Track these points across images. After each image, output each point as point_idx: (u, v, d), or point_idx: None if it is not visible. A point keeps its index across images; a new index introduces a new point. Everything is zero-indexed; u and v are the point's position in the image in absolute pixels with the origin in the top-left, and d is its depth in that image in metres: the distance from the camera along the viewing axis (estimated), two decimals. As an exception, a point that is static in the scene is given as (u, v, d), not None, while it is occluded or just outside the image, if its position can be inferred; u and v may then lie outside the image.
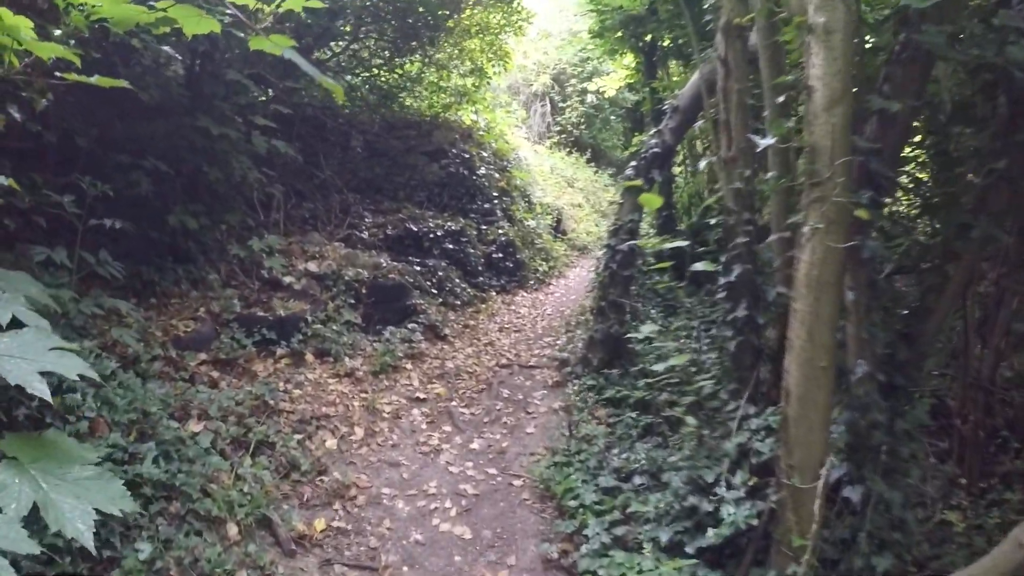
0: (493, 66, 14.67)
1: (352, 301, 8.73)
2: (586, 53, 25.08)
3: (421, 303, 9.40)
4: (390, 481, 5.90)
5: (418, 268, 10.19)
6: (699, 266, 5.12)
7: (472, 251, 11.95)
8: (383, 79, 13.60)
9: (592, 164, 24.42)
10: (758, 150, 4.48)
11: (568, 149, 23.88)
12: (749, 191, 5.09)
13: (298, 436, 5.93)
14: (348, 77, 13.09)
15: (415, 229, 11.16)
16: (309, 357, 7.56)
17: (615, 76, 17.22)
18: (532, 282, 13.62)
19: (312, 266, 9.06)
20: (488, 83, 14.88)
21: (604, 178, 24.50)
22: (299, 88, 11.88)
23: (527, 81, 24.19)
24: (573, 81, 24.84)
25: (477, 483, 6.02)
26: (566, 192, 19.97)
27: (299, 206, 10.82)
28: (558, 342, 9.65)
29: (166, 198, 8.39)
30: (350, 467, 5.96)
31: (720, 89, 5.30)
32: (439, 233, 11.35)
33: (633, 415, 6.86)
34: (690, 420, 5.40)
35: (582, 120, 25.08)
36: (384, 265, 9.41)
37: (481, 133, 14.58)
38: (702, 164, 5.72)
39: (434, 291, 10.22)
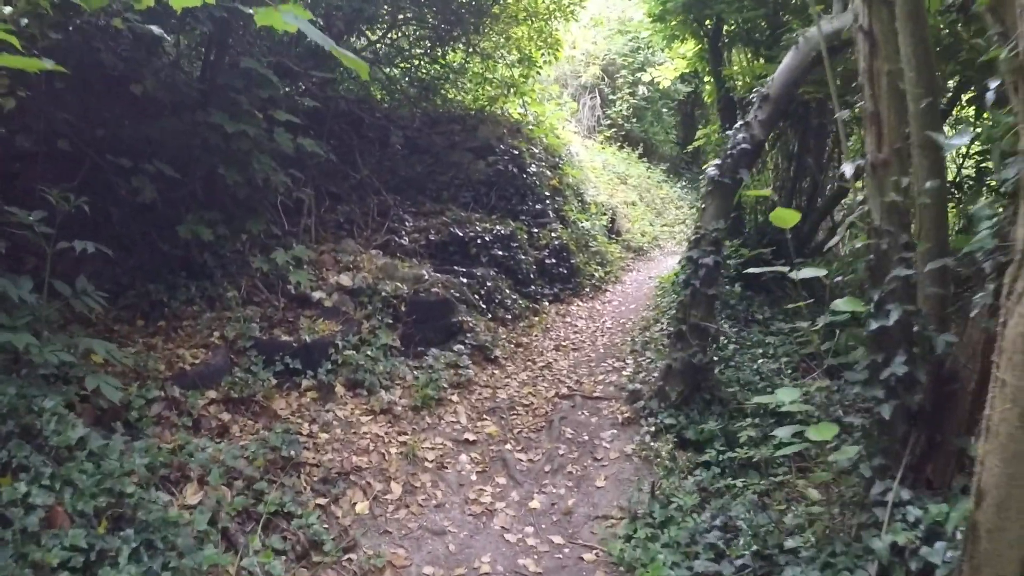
0: (542, 55, 13.52)
1: (390, 320, 7.66)
2: (638, 42, 23.82)
3: (468, 320, 8.29)
4: (433, 556, 4.79)
5: (464, 279, 9.07)
6: (805, 273, 3.89)
7: (523, 257, 10.82)
8: (424, 70, 12.54)
9: (644, 160, 23.12)
10: (944, 151, 3.26)
11: (619, 144, 22.63)
12: (907, 206, 3.84)
13: (321, 500, 4.86)
14: (386, 69, 12.04)
15: (460, 234, 10.06)
16: (339, 389, 6.51)
17: (669, 66, 15.91)
18: (588, 289, 12.45)
19: (345, 279, 8.00)
20: (537, 74, 13.72)
21: (656, 174, 23.19)
22: (332, 79, 10.86)
23: (575, 72, 22.96)
24: (623, 72, 23.56)
25: (540, 557, 4.89)
26: (619, 190, 18.74)
27: (332, 210, 9.80)
28: (624, 366, 8.47)
29: (176, 205, 7.40)
30: (384, 538, 4.86)
31: (863, 71, 4.08)
32: (487, 238, 10.24)
33: (723, 463, 5.69)
34: (812, 494, 4.23)
35: (632, 113, 23.78)
36: (426, 277, 8.32)
37: (530, 128, 13.43)
38: (847, 169, 4.39)
39: (482, 305, 9.11)
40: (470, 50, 12.71)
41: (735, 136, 7.26)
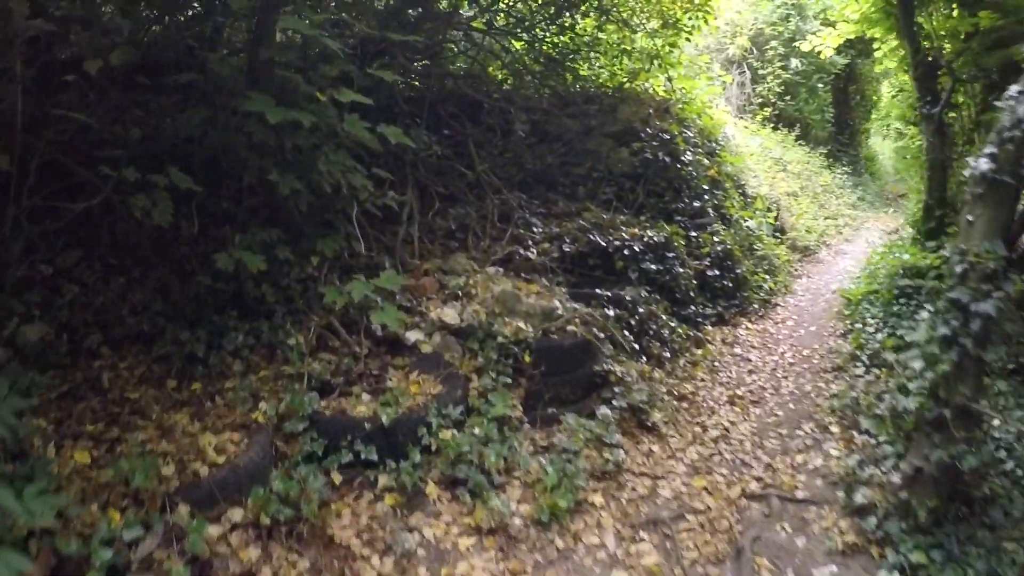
0: (689, 19, 11.10)
1: (509, 374, 5.55)
2: (787, 8, 20.86)
3: (615, 369, 6.06)
4: None
5: (609, 307, 6.88)
6: None
7: (681, 270, 8.49)
8: (550, 42, 10.36)
9: (801, 142, 20.18)
10: None
11: (772, 124, 19.75)
12: None
13: None
14: (504, 41, 9.94)
15: (603, 243, 7.84)
16: (431, 490, 4.45)
17: (830, 33, 13.06)
18: (756, 305, 10.00)
19: (450, 314, 5.97)
20: (687, 41, 11.30)
21: (816, 159, 20.22)
22: (436, 50, 8.86)
23: (720, 46, 20.20)
24: (773, 44, 20.64)
25: None
26: (779, 178, 16.02)
27: (441, 215, 7.81)
28: (827, 437, 6.06)
29: (222, 223, 5.53)
30: None
31: None
32: (636, 248, 7.97)
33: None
34: None
35: (785, 90, 20.82)
36: (559, 311, 6.14)
37: (680, 107, 11.02)
38: None
39: (633, 342, 6.88)
40: (603, 17, 10.46)
41: (1017, 110, 4.69)
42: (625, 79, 11.16)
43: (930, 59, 8.67)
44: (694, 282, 8.73)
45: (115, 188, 4.43)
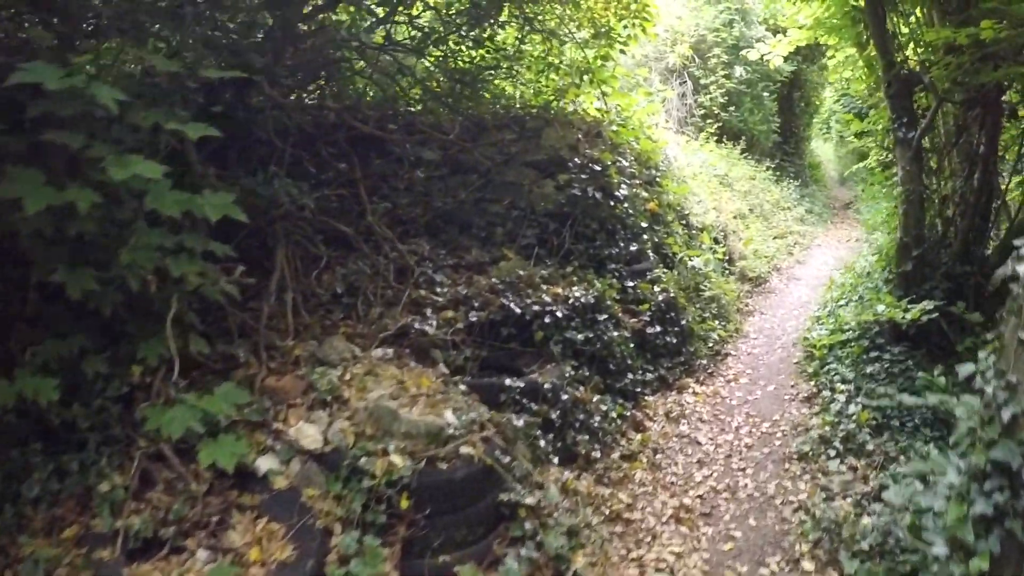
0: (625, 27, 9.77)
1: (382, 523, 4.12)
2: (731, 13, 19.70)
3: (524, 501, 4.62)
4: None
5: (522, 401, 5.48)
6: None
7: (615, 334, 7.10)
8: (465, 57, 8.92)
9: (746, 156, 19.01)
10: None
11: (715, 137, 18.50)
12: None
13: None
14: (411, 59, 8.48)
15: (518, 309, 6.41)
16: None
17: (782, 40, 11.85)
18: (703, 361, 8.67)
19: (311, 435, 4.53)
20: (621, 52, 9.95)
21: (762, 172, 19.09)
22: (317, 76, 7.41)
23: (660, 54, 18.92)
24: (716, 51, 19.42)
25: None
26: (725, 198, 14.77)
27: (325, 277, 6.38)
28: (811, 572, 4.71)
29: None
30: None
31: None
32: (560, 313, 6.56)
33: None
34: None
35: (728, 100, 19.61)
36: (450, 430, 4.64)
37: (615, 128, 9.63)
38: None
39: (552, 443, 5.47)
40: (527, 27, 9.08)
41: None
42: (552, 97, 9.78)
43: (906, 73, 7.42)
44: (631, 345, 7.34)
45: None
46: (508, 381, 5.62)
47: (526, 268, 7.17)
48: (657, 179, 10.05)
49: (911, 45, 7.76)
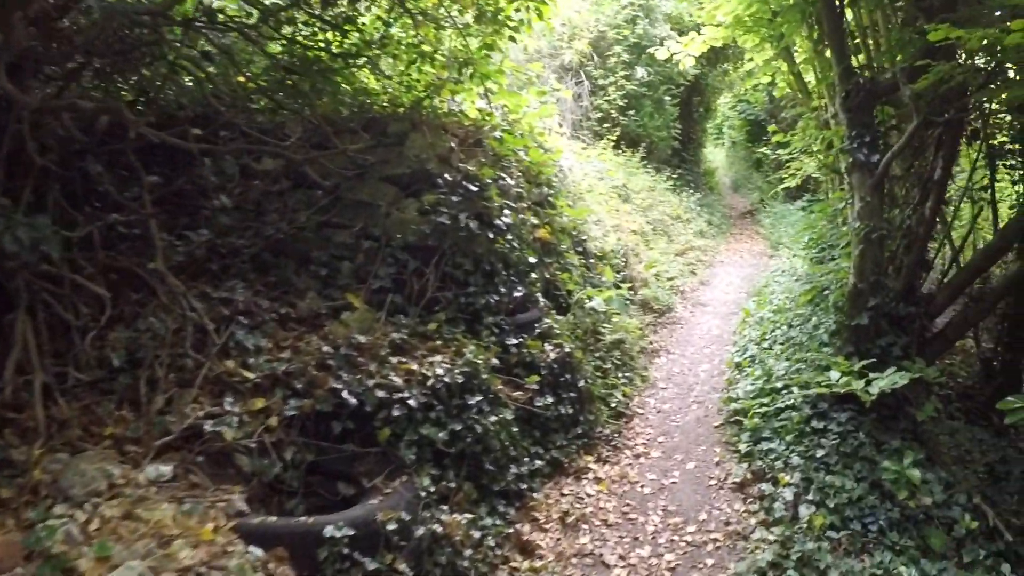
0: (517, 11, 7.94)
1: None
2: (635, 9, 18.18)
3: None
4: None
5: (354, 557, 3.60)
6: None
7: (493, 419, 5.24)
8: (318, 44, 6.97)
9: (646, 164, 17.50)
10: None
11: (613, 143, 16.84)
12: None
13: None
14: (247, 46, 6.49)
15: (354, 399, 4.50)
16: None
17: (695, 38, 10.28)
18: (606, 432, 6.95)
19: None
20: (512, 41, 8.10)
21: (661, 181, 17.65)
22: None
23: (555, 50, 17.17)
24: (617, 49, 17.83)
25: None
26: (624, 213, 13.12)
27: (96, 346, 4.39)
28: None
29: None
30: None
31: None
32: (415, 402, 4.67)
33: None
34: None
35: (628, 103, 18.03)
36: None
37: (499, 135, 7.75)
38: None
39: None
40: (396, 7, 7.19)
41: None
42: (423, 94, 7.86)
43: (868, 82, 5.84)
44: (514, 429, 5.52)
45: None
46: (330, 529, 3.67)
47: (375, 324, 5.28)
48: (550, 198, 8.23)
49: (872, 47, 6.21)
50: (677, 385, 8.60)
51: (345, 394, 4.51)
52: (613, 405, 7.32)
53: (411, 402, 4.64)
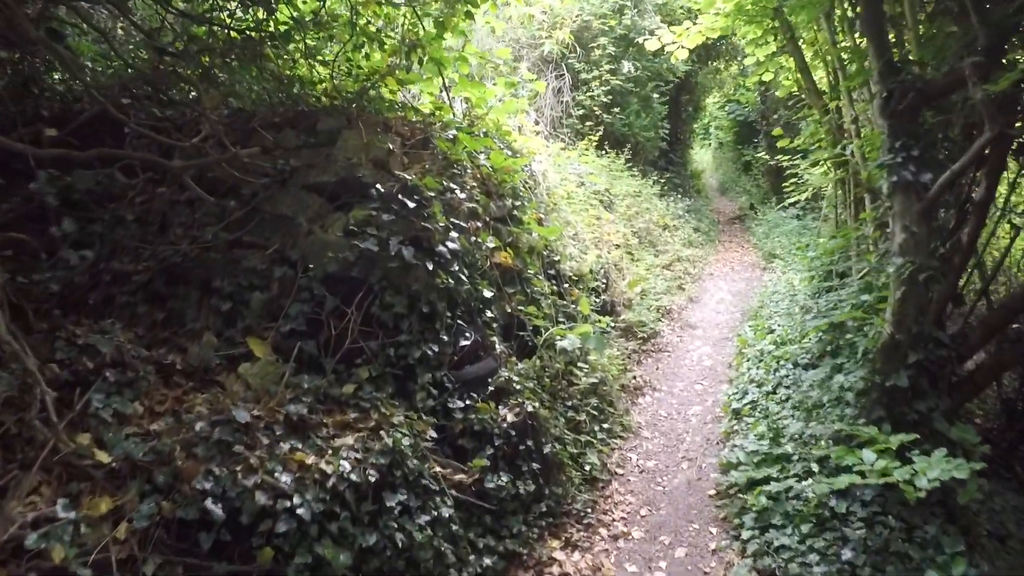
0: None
1: None
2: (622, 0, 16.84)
3: None
4: None
5: None
6: None
7: (425, 519, 3.90)
8: (245, 22, 5.67)
9: (631, 167, 16.14)
10: None
11: (595, 141, 15.44)
12: None
13: None
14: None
15: (221, 511, 3.14)
16: None
17: (690, 29, 8.96)
18: (576, 506, 5.62)
19: None
20: (470, 19, 6.72)
21: (648, 187, 16.32)
22: None
23: (535, 40, 15.77)
24: (602, 41, 16.46)
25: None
26: (605, 224, 11.77)
27: None
28: None
29: None
30: None
31: None
32: (306, 511, 3.32)
33: None
34: None
35: (612, 100, 16.64)
36: None
37: (451, 135, 6.35)
38: None
39: None
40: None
41: None
42: (366, 79, 6.51)
43: (920, 82, 4.53)
44: (454, 527, 4.18)
45: None
46: None
47: (276, 384, 3.94)
48: (515, 212, 6.85)
49: (921, 37, 4.91)
50: (664, 434, 7.30)
51: (209, 503, 3.16)
52: (587, 469, 5.99)
53: (301, 511, 3.29)
